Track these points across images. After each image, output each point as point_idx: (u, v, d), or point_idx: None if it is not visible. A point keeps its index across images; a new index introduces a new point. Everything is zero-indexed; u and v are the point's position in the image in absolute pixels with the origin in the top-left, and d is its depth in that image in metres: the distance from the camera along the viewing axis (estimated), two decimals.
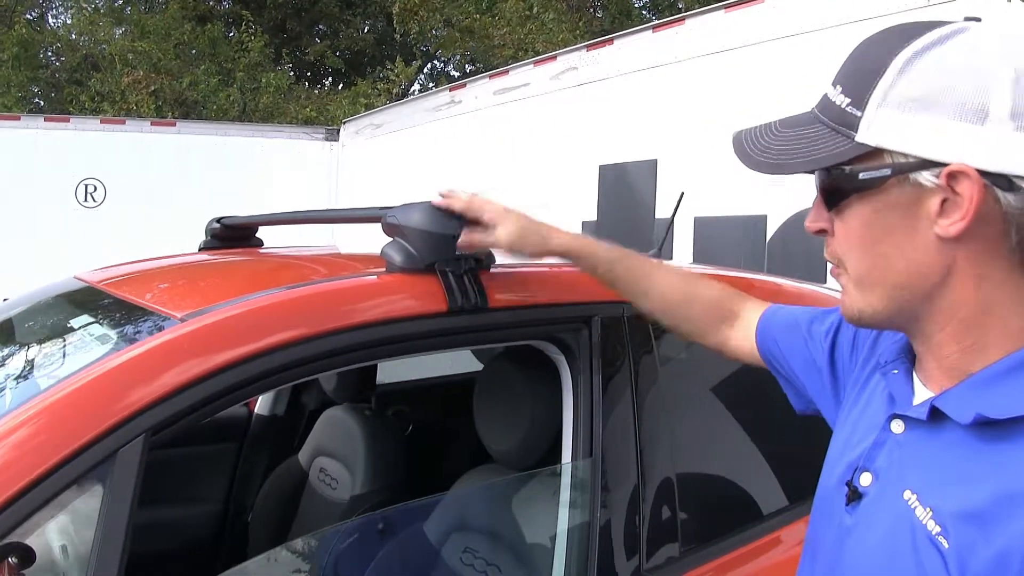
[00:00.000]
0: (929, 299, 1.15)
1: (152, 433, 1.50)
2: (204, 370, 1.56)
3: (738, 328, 1.83)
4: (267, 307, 1.71)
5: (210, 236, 2.77)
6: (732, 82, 6.00)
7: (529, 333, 2.08)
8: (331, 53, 22.95)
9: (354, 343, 1.75)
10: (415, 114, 9.81)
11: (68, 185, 10.83)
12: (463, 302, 1.86)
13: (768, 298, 2.64)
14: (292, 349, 1.66)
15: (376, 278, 1.91)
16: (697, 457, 2.35)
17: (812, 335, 1.63)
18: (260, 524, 3.38)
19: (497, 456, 2.32)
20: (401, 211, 1.91)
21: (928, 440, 1.16)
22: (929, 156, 1.08)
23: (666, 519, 2.14)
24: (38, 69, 20.63)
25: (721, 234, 6.10)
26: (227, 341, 1.62)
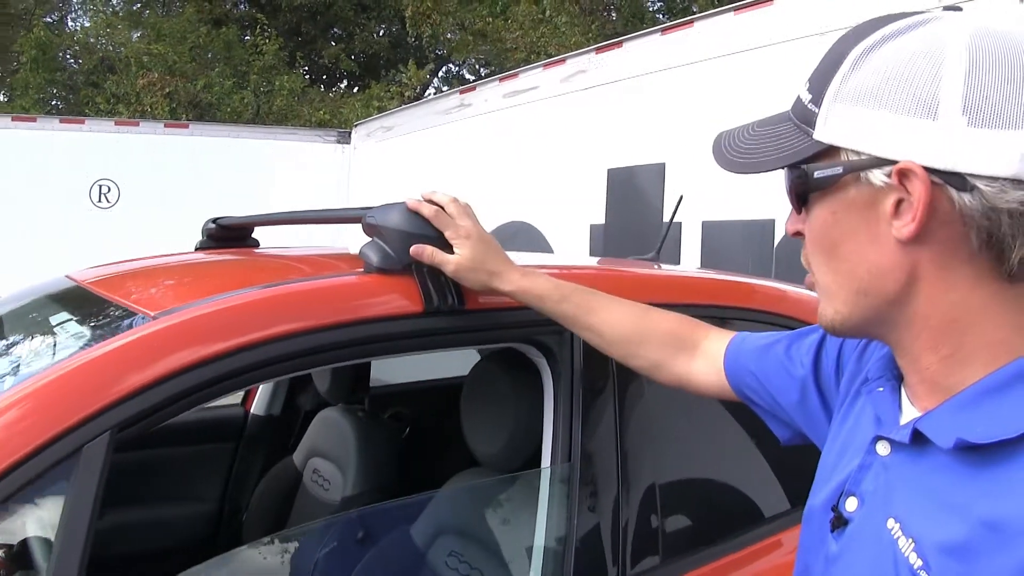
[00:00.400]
0: (898, 305, 1.08)
1: (118, 430, 1.48)
2: (173, 368, 1.54)
3: (701, 360, 1.74)
4: (239, 306, 1.70)
5: (206, 236, 2.76)
6: (742, 85, 5.96)
7: (509, 336, 2.05)
8: (345, 56, 23.00)
9: (326, 343, 1.73)
10: (426, 117, 9.83)
11: (82, 186, 10.95)
12: (440, 303, 1.84)
13: (771, 304, 2.65)
14: (262, 348, 1.64)
15: (351, 278, 1.90)
16: (684, 462, 2.32)
17: (791, 356, 1.54)
18: (254, 524, 3.37)
19: (482, 459, 2.30)
20: (380, 211, 1.90)
21: (912, 464, 1.08)
22: (879, 153, 1.03)
23: (648, 526, 2.10)
24: (56, 72, 20.74)
25: (729, 238, 6.07)
26: (197, 339, 1.60)
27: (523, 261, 1.98)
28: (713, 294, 2.59)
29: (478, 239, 1.85)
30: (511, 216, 8.06)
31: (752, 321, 2.46)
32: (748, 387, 1.62)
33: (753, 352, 1.63)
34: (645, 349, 1.79)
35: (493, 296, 1.90)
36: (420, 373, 4.21)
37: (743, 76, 5.99)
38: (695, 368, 1.74)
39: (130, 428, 1.51)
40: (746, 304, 2.59)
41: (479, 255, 1.84)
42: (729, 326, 1.85)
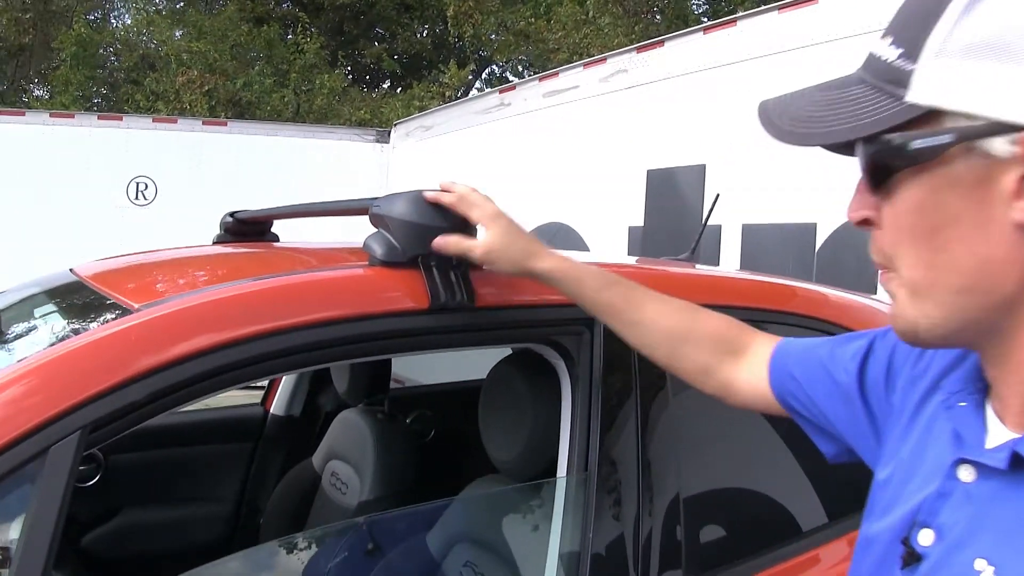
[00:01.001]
0: (1007, 308, 0.89)
1: (90, 430, 1.37)
2: (152, 364, 1.42)
3: (746, 365, 1.53)
4: (226, 299, 1.58)
5: (223, 230, 2.67)
6: (785, 85, 5.58)
7: (523, 335, 1.92)
8: (387, 56, 22.99)
9: (320, 340, 1.60)
10: (464, 116, 9.78)
11: (120, 183, 11.04)
12: (447, 299, 1.71)
13: (812, 309, 2.51)
14: (252, 344, 1.52)
15: (352, 271, 1.78)
16: (711, 471, 2.17)
17: (835, 361, 1.34)
18: (272, 527, 3.29)
19: (500, 466, 2.17)
20: (385, 201, 1.77)
21: (1008, 494, 0.90)
22: (1004, 117, 0.83)
23: (672, 540, 1.96)
24: (96, 69, 20.86)
25: (769, 242, 5.97)
26: (181, 334, 1.48)
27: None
28: (749, 295, 2.44)
29: (507, 219, 1.70)
30: (549, 217, 7.99)
31: (790, 326, 2.32)
32: (791, 395, 1.43)
33: (797, 356, 1.45)
34: (694, 350, 1.59)
35: (507, 293, 1.77)
36: (449, 374, 4.11)
37: (786, 76, 5.81)
38: (740, 374, 1.54)
39: (103, 429, 1.39)
40: (784, 307, 2.45)
41: (511, 234, 1.68)
42: (766, 331, 1.72)
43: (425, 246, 1.71)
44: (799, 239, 5.71)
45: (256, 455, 3.59)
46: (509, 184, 8.43)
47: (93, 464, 3.21)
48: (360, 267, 1.78)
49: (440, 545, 2.17)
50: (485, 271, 1.79)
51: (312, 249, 2.31)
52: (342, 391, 3.14)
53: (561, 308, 1.88)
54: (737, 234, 6.11)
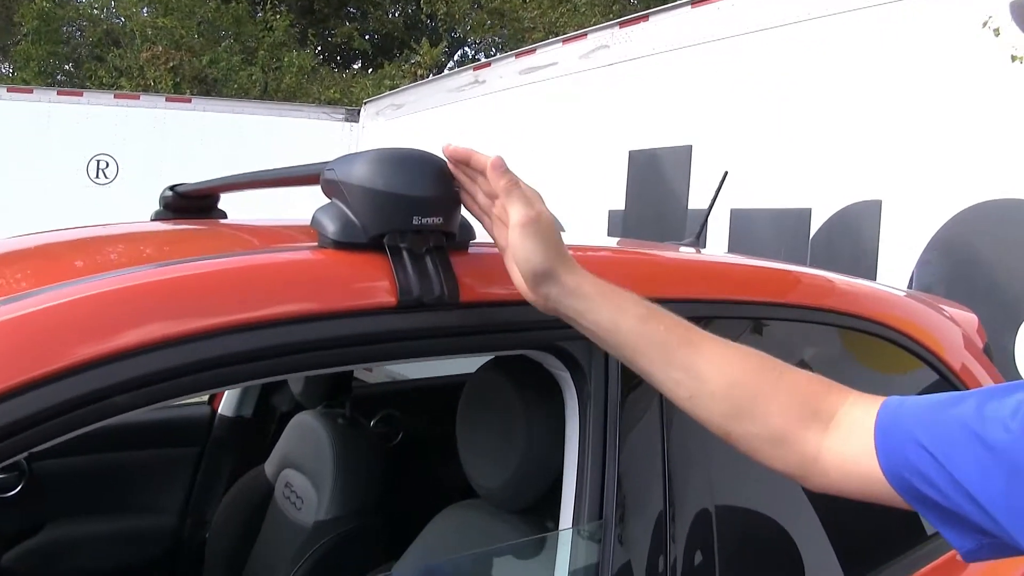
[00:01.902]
0: None
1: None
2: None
3: (838, 435, 1.16)
4: (110, 294, 1.14)
5: (163, 206, 2.28)
6: (775, 63, 5.59)
7: (519, 340, 1.50)
8: (358, 35, 22.58)
9: (241, 351, 1.18)
10: (437, 94, 9.47)
11: (80, 161, 10.73)
12: (421, 293, 1.30)
13: (818, 297, 2.15)
14: (144, 358, 1.10)
15: (291, 256, 1.36)
16: (758, 520, 1.78)
17: (984, 417, 1.01)
18: (217, 543, 2.93)
19: (483, 493, 1.78)
20: (342, 163, 1.36)
21: None
22: None
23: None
24: (59, 44, 20.31)
25: (760, 228, 5.70)
26: (36, 345, 1.06)
27: None
28: (745, 286, 2.05)
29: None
30: None
31: (794, 320, 2.02)
32: (916, 473, 1.06)
33: (921, 414, 1.09)
34: (766, 411, 1.19)
35: (499, 285, 1.37)
36: (419, 369, 3.75)
37: (777, 53, 5.60)
38: (829, 446, 1.15)
39: None
40: (784, 299, 2.07)
41: (552, 223, 1.30)
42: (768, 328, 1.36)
43: (393, 222, 1.31)
44: (792, 225, 5.44)
45: (202, 461, 3.22)
46: None
47: (15, 472, 2.84)
48: (305, 249, 1.36)
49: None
50: (469, 256, 1.40)
51: (249, 227, 1.88)
52: (297, 392, 2.76)
53: None
54: (725, 219, 5.79)
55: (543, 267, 1.27)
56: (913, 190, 4.65)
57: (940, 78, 4.56)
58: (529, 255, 1.27)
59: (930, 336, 2.29)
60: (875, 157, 4.85)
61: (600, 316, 1.27)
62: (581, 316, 1.28)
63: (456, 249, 1.40)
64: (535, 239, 1.27)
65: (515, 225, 1.27)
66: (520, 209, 1.28)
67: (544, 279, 1.28)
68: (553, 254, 1.28)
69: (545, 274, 1.27)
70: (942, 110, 4.53)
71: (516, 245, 1.28)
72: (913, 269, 4.62)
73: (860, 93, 4.96)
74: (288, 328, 1.22)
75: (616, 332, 1.27)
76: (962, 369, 2.30)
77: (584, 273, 1.30)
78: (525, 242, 1.27)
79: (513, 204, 1.28)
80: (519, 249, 1.27)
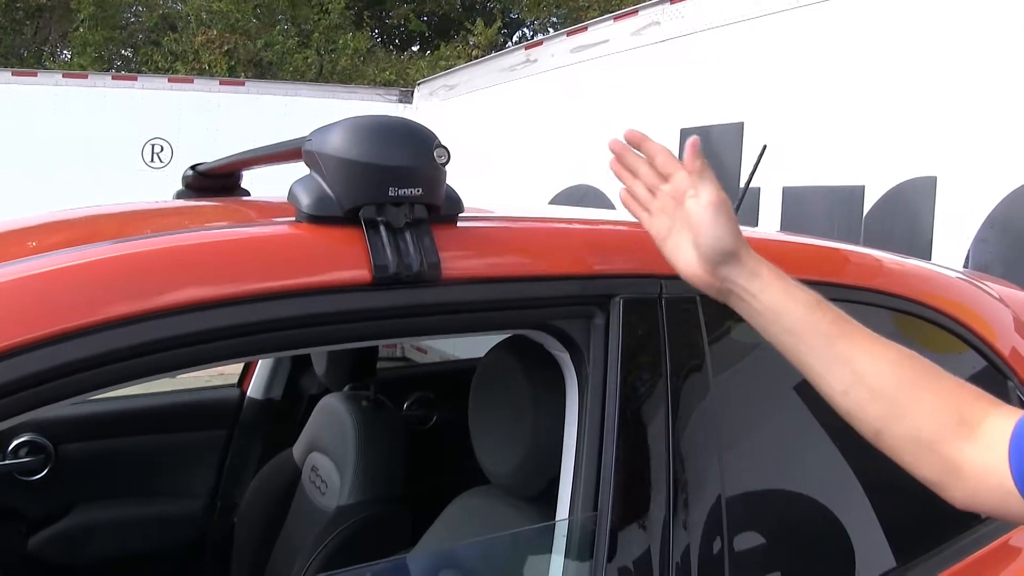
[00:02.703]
0: None
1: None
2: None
3: (979, 442, 1.14)
4: (67, 271, 1.08)
5: (184, 185, 2.26)
6: (828, 38, 5.42)
7: (508, 320, 1.43)
8: (415, 17, 22.54)
9: (197, 331, 1.11)
10: (489, 74, 9.37)
11: (135, 145, 10.72)
12: (398, 269, 1.23)
13: (866, 277, 2.05)
14: (104, 335, 1.03)
15: (262, 230, 1.29)
16: (772, 514, 1.69)
17: None
18: (245, 527, 2.90)
19: (494, 480, 1.72)
20: (320, 133, 1.29)
21: None
22: None
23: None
24: (115, 30, 20.48)
25: (812, 206, 5.54)
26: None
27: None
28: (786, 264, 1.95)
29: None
30: (577, 179, 7.58)
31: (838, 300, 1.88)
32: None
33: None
34: (918, 414, 1.18)
35: (483, 260, 1.29)
36: (462, 348, 3.68)
37: (830, 28, 5.43)
38: (970, 455, 1.14)
39: None
40: (829, 278, 1.97)
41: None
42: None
43: (370, 194, 1.24)
44: (845, 202, 5.29)
45: (231, 444, 3.18)
46: (535, 144, 8.20)
47: (42, 455, 2.82)
48: (279, 224, 1.29)
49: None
50: (454, 231, 1.32)
51: (232, 202, 1.81)
52: (321, 373, 2.71)
53: (565, 281, 1.41)
54: (777, 197, 5.68)
55: (732, 246, 1.32)
56: (969, 166, 4.50)
57: (996, 50, 4.41)
58: (721, 233, 1.31)
59: (978, 318, 2.18)
60: (930, 132, 4.70)
61: (772, 298, 1.30)
62: (753, 298, 1.31)
63: (441, 223, 1.32)
64: (727, 219, 1.32)
65: (708, 204, 1.32)
66: (714, 189, 1.33)
67: (728, 258, 1.32)
68: (738, 235, 1.33)
69: (731, 253, 1.32)
70: (998, 83, 4.38)
71: (708, 223, 1.32)
72: (969, 247, 4.48)
73: (915, 67, 4.81)
74: (255, 306, 1.15)
75: (785, 315, 1.29)
76: (1012, 353, 2.19)
77: (758, 256, 1.34)
78: (718, 220, 1.32)
79: (707, 185, 1.34)
80: (711, 227, 1.32)
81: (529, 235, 1.53)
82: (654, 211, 1.41)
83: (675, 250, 1.38)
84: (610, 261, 1.50)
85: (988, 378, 2.14)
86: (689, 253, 1.35)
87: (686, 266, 1.36)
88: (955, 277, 2.45)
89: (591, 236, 1.52)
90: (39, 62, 20.48)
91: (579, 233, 1.44)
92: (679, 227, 1.37)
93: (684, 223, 1.36)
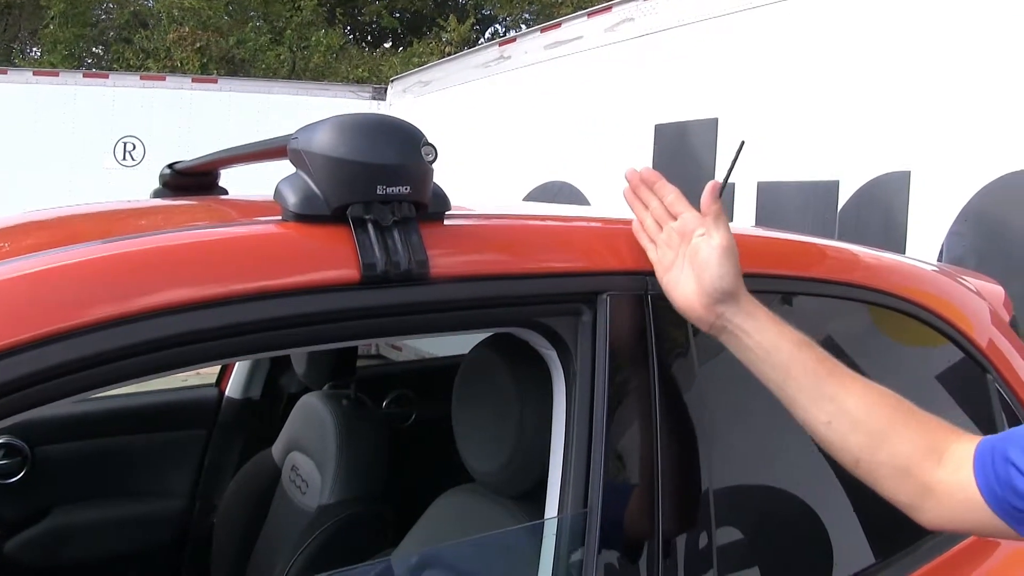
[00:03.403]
0: None
1: None
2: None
3: (947, 467, 1.26)
4: (54, 272, 1.07)
5: (162, 184, 2.24)
6: (802, 34, 5.44)
7: (496, 317, 1.43)
8: (387, 14, 22.51)
9: (194, 330, 1.11)
10: (463, 71, 9.36)
11: (107, 143, 10.68)
12: (386, 268, 1.22)
13: (843, 270, 2.06)
14: (91, 336, 1.02)
15: (248, 229, 1.28)
16: (756, 509, 1.70)
17: None
18: (225, 528, 2.88)
19: (479, 478, 1.72)
20: (306, 131, 1.28)
21: None
22: None
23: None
24: (86, 27, 20.35)
25: (787, 201, 5.57)
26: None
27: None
28: (764, 259, 1.96)
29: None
30: (551, 176, 7.60)
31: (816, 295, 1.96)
32: (1005, 485, 1.17)
33: (1011, 434, 1.21)
34: (896, 444, 1.30)
35: (470, 259, 1.29)
36: (439, 346, 3.67)
37: (804, 24, 5.46)
38: (940, 477, 1.26)
39: None
40: (806, 273, 1.99)
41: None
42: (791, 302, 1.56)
43: (357, 192, 1.23)
44: (820, 197, 5.32)
45: (210, 444, 3.16)
46: (510, 141, 8.19)
47: (18, 457, 2.79)
48: (266, 223, 1.28)
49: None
50: (441, 229, 1.31)
51: (217, 201, 1.80)
52: (300, 372, 2.70)
53: (551, 279, 1.41)
54: (752, 192, 5.70)
55: (733, 287, 1.41)
56: (943, 160, 4.52)
57: (969, 46, 4.43)
58: (724, 274, 1.40)
59: (955, 311, 2.20)
60: (904, 127, 4.73)
61: (764, 337, 1.40)
62: (747, 335, 1.41)
63: (429, 221, 1.31)
64: (732, 262, 1.41)
65: (718, 247, 1.41)
66: (725, 233, 1.42)
67: (728, 297, 1.41)
68: (739, 278, 1.42)
69: (731, 294, 1.41)
70: (971, 78, 4.40)
71: (714, 264, 1.41)
72: (943, 241, 4.51)
73: (888, 63, 4.83)
74: (244, 306, 1.15)
75: (775, 353, 1.39)
76: (988, 345, 2.21)
77: (754, 298, 1.44)
78: (724, 262, 1.41)
79: (720, 228, 1.43)
80: (716, 268, 1.40)
81: (517, 232, 1.52)
82: (659, 243, 1.50)
83: (675, 283, 1.46)
84: (597, 258, 1.51)
85: (966, 370, 2.16)
86: (689, 287, 1.43)
87: (683, 299, 1.44)
88: (931, 270, 2.46)
89: (578, 233, 1.52)
90: (9, 60, 20.32)
91: (566, 230, 1.44)
92: (681, 262, 1.46)
93: (689, 259, 1.44)
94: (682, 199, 1.51)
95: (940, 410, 1.30)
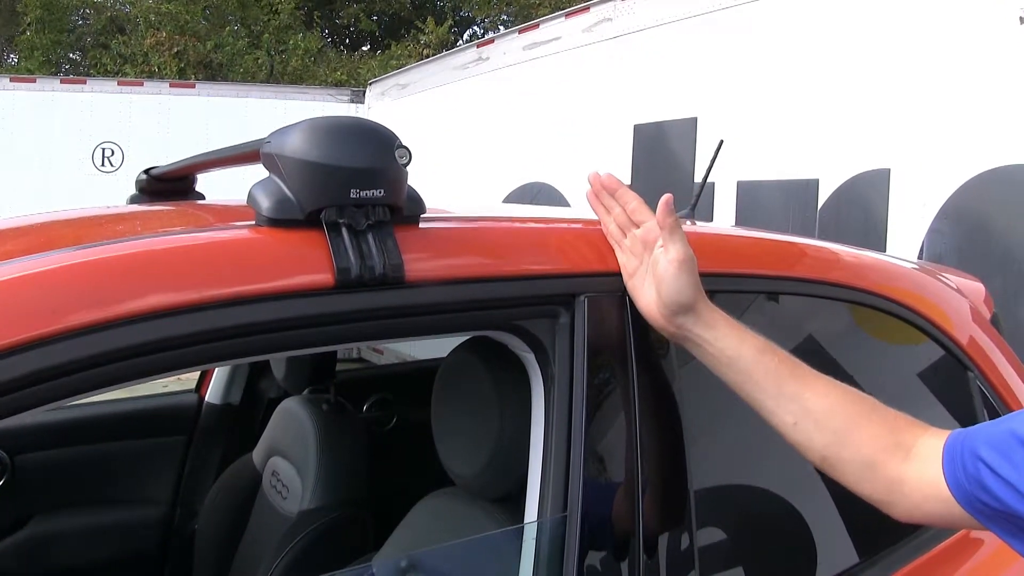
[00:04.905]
0: None
1: None
2: None
3: (915, 461, 1.27)
4: (28, 279, 1.06)
5: (138, 190, 2.22)
6: (781, 32, 5.47)
7: (473, 321, 1.41)
8: (365, 17, 22.50)
9: (168, 336, 1.09)
10: (441, 72, 9.37)
11: (85, 149, 10.69)
12: (360, 272, 1.21)
13: (823, 270, 2.06)
14: (66, 344, 1.01)
15: (221, 235, 1.26)
16: (738, 510, 1.70)
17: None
18: (206, 534, 2.85)
19: (460, 482, 1.70)
20: (278, 135, 1.26)
21: None
22: None
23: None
24: (63, 33, 20.28)
25: (767, 200, 5.60)
26: None
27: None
28: (744, 259, 1.96)
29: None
30: (530, 177, 7.62)
31: (797, 294, 1.96)
32: (973, 481, 1.18)
33: (980, 431, 1.21)
34: (860, 440, 1.32)
35: (446, 262, 1.28)
36: (419, 349, 3.66)
37: (782, 22, 5.49)
38: (909, 471, 1.27)
39: None
40: (786, 272, 1.99)
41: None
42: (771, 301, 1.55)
43: (331, 196, 1.22)
44: (800, 196, 5.34)
45: (190, 450, 3.13)
46: (488, 142, 8.21)
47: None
48: (239, 228, 1.27)
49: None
50: (416, 232, 1.30)
51: (187, 207, 1.78)
52: (280, 377, 2.68)
53: (529, 281, 1.40)
54: (732, 191, 5.71)
55: (690, 300, 1.41)
56: (922, 158, 4.54)
57: (947, 44, 4.45)
58: (681, 288, 1.41)
59: (936, 309, 2.20)
60: (883, 125, 4.75)
61: (725, 344, 1.41)
62: (708, 344, 1.42)
63: (404, 224, 1.30)
64: (689, 276, 1.41)
65: (674, 260, 1.41)
66: (681, 247, 1.41)
67: (685, 310, 1.41)
68: (698, 290, 1.43)
69: (689, 307, 1.41)
70: (950, 76, 4.42)
71: (670, 278, 1.41)
72: (923, 238, 4.52)
73: (867, 61, 4.85)
74: (218, 312, 1.13)
75: (737, 359, 1.40)
76: (969, 343, 2.21)
77: (715, 307, 1.44)
78: (680, 276, 1.41)
79: (676, 241, 1.42)
80: (672, 282, 1.41)
81: (492, 235, 1.51)
82: (624, 249, 1.51)
83: (638, 288, 1.48)
84: (574, 259, 1.50)
85: (948, 368, 2.16)
86: (651, 295, 1.45)
87: (647, 306, 1.46)
88: (911, 268, 2.46)
89: (554, 235, 1.52)
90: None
91: (542, 232, 1.43)
92: (644, 270, 1.47)
93: (651, 269, 1.45)
94: (644, 207, 1.50)
95: (922, 408, 1.31)
